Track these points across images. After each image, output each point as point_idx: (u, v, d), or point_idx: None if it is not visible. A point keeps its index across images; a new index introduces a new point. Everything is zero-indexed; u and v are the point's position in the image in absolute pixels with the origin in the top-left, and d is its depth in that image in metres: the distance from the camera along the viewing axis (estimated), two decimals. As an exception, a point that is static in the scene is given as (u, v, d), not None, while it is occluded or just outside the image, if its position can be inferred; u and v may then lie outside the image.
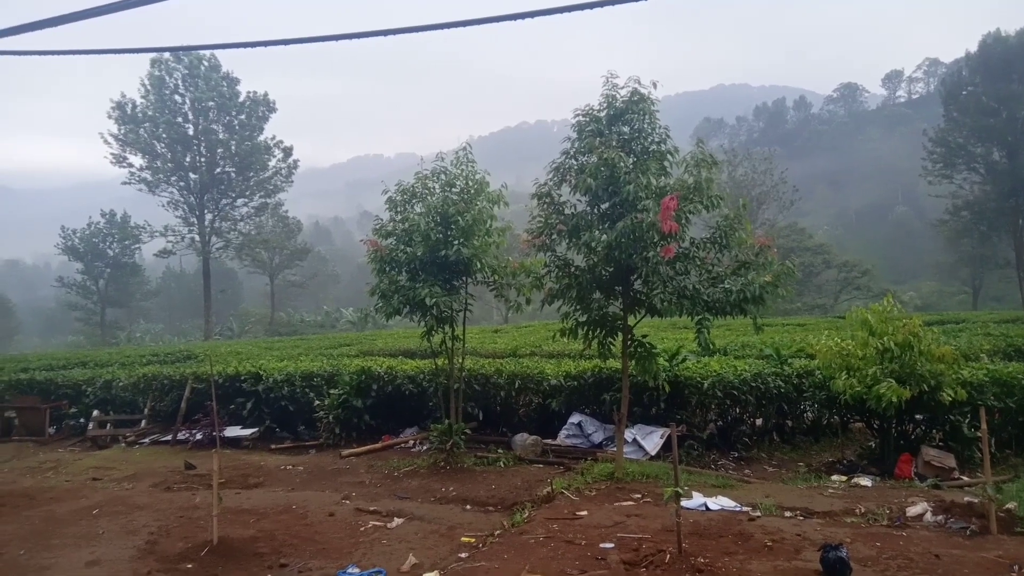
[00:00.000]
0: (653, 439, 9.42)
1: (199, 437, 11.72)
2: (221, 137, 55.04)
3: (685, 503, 6.57)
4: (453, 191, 9.35)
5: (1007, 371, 9.15)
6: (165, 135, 52.99)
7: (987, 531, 5.85)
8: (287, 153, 57.83)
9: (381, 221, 9.72)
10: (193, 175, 55.04)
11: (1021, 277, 51.12)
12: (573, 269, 8.52)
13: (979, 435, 7.22)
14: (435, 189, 9.50)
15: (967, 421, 8.65)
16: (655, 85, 8.30)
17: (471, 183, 9.34)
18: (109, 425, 13.18)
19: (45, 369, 16.96)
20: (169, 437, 12.18)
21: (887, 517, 6.43)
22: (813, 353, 9.91)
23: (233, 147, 55.18)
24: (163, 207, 55.38)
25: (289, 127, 72.64)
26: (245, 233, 59.74)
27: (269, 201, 59.50)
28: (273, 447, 11.40)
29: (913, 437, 8.96)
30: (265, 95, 56.63)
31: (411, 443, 10.86)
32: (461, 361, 9.88)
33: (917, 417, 8.91)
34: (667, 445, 9.25)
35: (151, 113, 52.55)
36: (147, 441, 12.42)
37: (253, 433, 11.86)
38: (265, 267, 67.33)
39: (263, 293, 75.15)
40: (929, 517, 6.35)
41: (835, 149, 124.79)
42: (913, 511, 6.50)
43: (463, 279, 9.44)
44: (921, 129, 63.66)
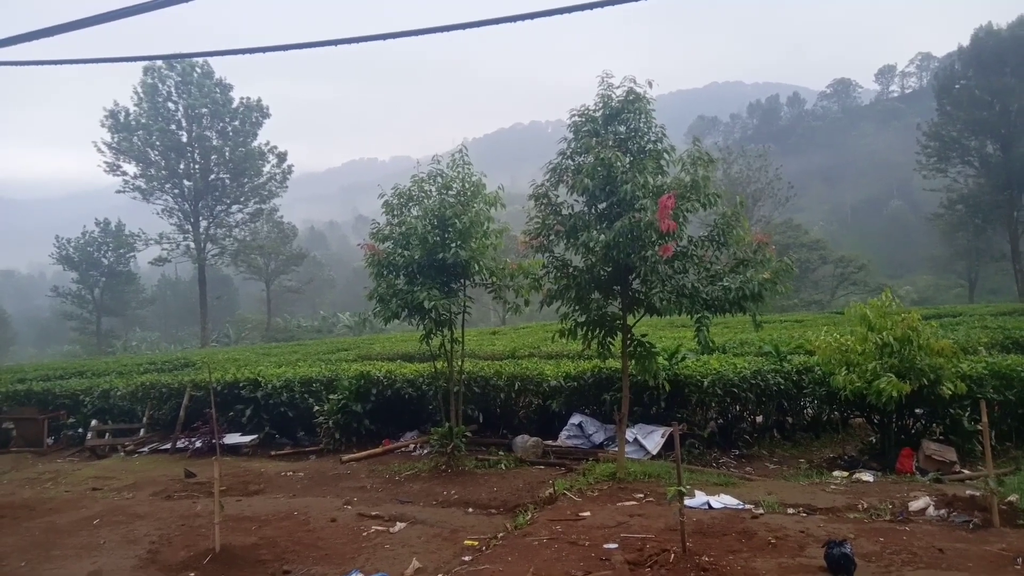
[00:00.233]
0: (654, 438, 9.42)
1: (198, 445, 11.67)
2: (215, 144, 54.85)
3: (688, 502, 6.56)
4: (450, 194, 9.31)
5: (1006, 364, 9.19)
6: (159, 143, 52.76)
7: (990, 524, 5.87)
8: (281, 158, 57.70)
9: (378, 225, 9.67)
10: (187, 182, 54.84)
11: (1017, 270, 51.23)
12: (571, 270, 8.52)
13: (979, 428, 7.24)
14: (432, 192, 9.45)
15: (967, 414, 8.67)
16: (651, 84, 8.30)
17: (468, 185, 9.31)
18: (108, 435, 13.11)
19: (42, 379, 16.88)
20: (168, 445, 12.13)
21: (890, 512, 6.44)
22: (812, 349, 9.93)
23: (227, 153, 54.99)
24: (158, 215, 55.19)
25: (283, 132, 72.72)
26: (240, 239, 59.53)
27: (264, 207, 59.33)
28: (273, 453, 11.36)
29: (913, 431, 8.97)
30: (258, 101, 56.50)
31: (411, 447, 10.84)
32: (460, 364, 9.85)
33: (917, 411, 8.92)
34: (668, 444, 9.25)
35: (144, 121, 52.31)
36: (146, 450, 12.37)
37: (253, 440, 11.82)
38: (261, 273, 67.14)
39: (259, 299, 74.95)
40: (932, 511, 6.36)
41: (829, 145, 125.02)
42: (915, 505, 6.51)
43: (461, 282, 9.42)
44: (915, 123, 63.76)
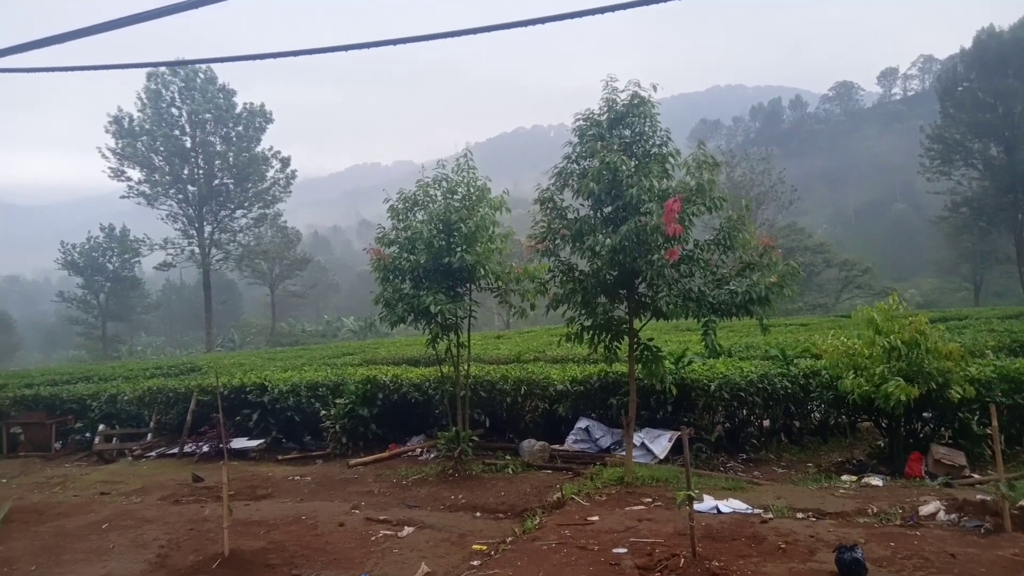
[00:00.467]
0: (661, 442, 9.40)
1: (206, 449, 11.68)
2: (219, 149, 55.05)
3: (696, 506, 6.53)
4: (455, 198, 9.32)
5: (1014, 367, 9.15)
6: (163, 148, 53.01)
7: (1001, 529, 5.83)
8: (285, 163, 57.89)
9: (383, 229, 9.66)
10: (191, 187, 55.05)
11: (1022, 272, 51.08)
12: (577, 274, 8.51)
13: (988, 432, 7.22)
14: (437, 196, 9.46)
15: (976, 418, 8.63)
16: (655, 88, 8.32)
17: (473, 190, 9.32)
18: (115, 439, 13.14)
19: (49, 384, 16.92)
20: (175, 450, 12.16)
21: (900, 516, 6.41)
22: (819, 353, 9.90)
23: (231, 159, 55.19)
24: (162, 220, 55.43)
25: (286, 137, 72.78)
26: (244, 244, 59.76)
27: (268, 212, 59.49)
28: (280, 458, 11.37)
29: (922, 435, 8.93)
30: (262, 106, 56.68)
31: (418, 451, 10.83)
32: (467, 368, 9.86)
33: (925, 415, 8.88)
34: (675, 448, 9.24)
35: (148, 126, 52.55)
36: (153, 454, 12.39)
37: (259, 444, 11.84)
38: (265, 278, 67.36)
39: (264, 304, 75.15)
40: (942, 516, 6.33)
41: (832, 148, 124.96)
42: (926, 510, 6.48)
43: (467, 286, 9.42)
44: (918, 126, 63.70)
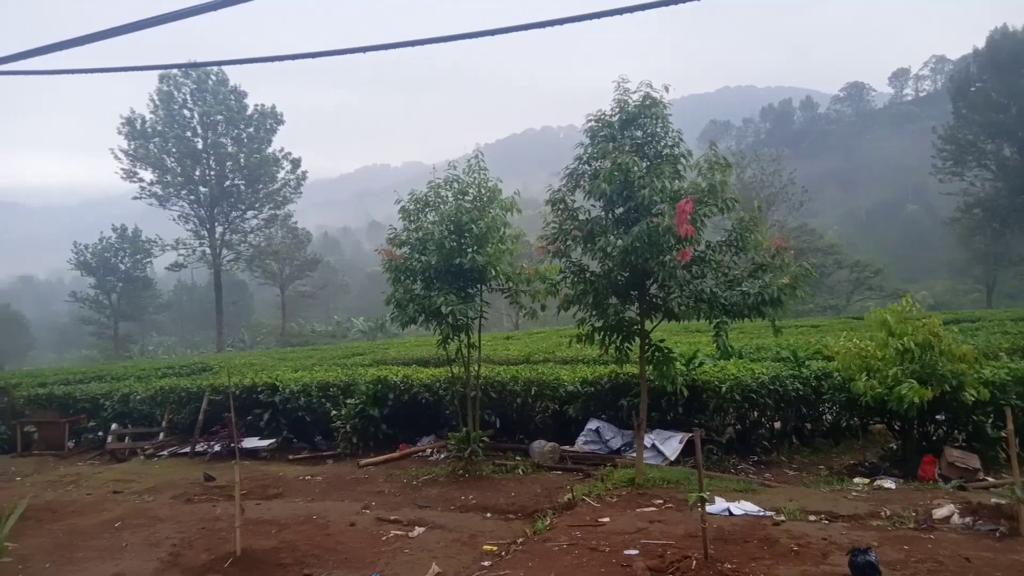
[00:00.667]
0: (672, 444, 9.37)
1: (217, 449, 11.75)
2: (230, 150, 55.55)
3: (708, 508, 6.51)
4: (466, 199, 9.33)
5: (1029, 370, 9.04)
6: (175, 149, 53.52)
7: (1017, 533, 5.79)
8: (295, 165, 58.34)
9: (395, 230, 9.70)
10: (203, 188, 55.58)
11: (1035, 274, 50.64)
12: (589, 275, 8.51)
13: (1003, 435, 7.14)
14: (448, 197, 9.47)
15: (990, 421, 8.55)
16: (667, 89, 8.30)
17: (484, 191, 9.32)
18: (128, 438, 13.25)
19: (62, 383, 17.07)
20: (187, 449, 12.24)
21: (913, 520, 6.37)
22: (831, 355, 9.84)
23: (242, 160, 55.69)
24: (174, 221, 55.99)
25: (296, 138, 73.24)
26: (255, 245, 60.22)
27: (278, 213, 60.01)
28: (291, 457, 11.43)
29: (935, 438, 8.86)
30: (272, 108, 57.11)
31: (428, 452, 10.85)
32: (477, 369, 9.87)
33: (939, 418, 8.80)
34: (686, 450, 9.20)
35: (160, 128, 53.09)
36: (165, 454, 12.49)
37: (271, 444, 11.90)
38: (275, 278, 67.68)
39: (274, 304, 75.48)
40: (956, 519, 6.28)
41: (843, 149, 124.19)
42: (939, 513, 6.43)
43: (478, 287, 9.42)
44: (930, 127, 63.31)
